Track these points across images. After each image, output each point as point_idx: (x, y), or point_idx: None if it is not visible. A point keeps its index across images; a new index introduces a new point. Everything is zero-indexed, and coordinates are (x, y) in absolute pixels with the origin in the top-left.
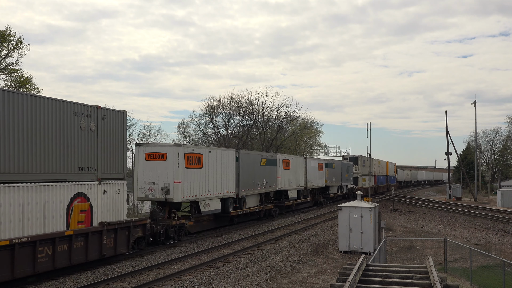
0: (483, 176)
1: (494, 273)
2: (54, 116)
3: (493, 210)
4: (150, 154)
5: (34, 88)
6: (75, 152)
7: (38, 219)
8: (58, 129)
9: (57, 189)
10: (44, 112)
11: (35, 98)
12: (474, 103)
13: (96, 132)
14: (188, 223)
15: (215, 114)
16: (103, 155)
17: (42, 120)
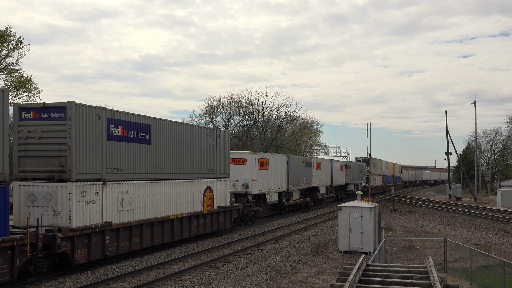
0: (483, 176)
1: (494, 273)
2: (196, 137)
3: (493, 210)
4: (234, 159)
5: (34, 88)
6: (206, 160)
7: (191, 202)
8: (199, 145)
9: (199, 184)
10: (192, 134)
11: (187, 126)
12: (474, 103)
13: (215, 146)
14: (260, 209)
15: (215, 114)
16: (218, 161)
17: (191, 140)
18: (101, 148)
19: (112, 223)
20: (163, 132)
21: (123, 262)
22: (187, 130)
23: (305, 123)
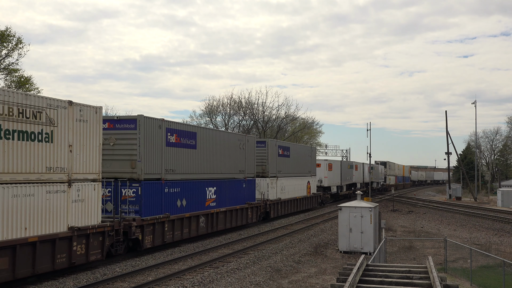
0: (483, 176)
1: (494, 273)
2: (232, 142)
3: (493, 210)
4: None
5: (34, 88)
6: (237, 162)
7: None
8: (233, 149)
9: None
10: (229, 140)
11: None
12: (474, 103)
13: (243, 150)
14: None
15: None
16: (247, 163)
17: (229, 145)
18: (161, 153)
19: (169, 216)
20: (205, 139)
21: (123, 262)
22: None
23: (305, 123)
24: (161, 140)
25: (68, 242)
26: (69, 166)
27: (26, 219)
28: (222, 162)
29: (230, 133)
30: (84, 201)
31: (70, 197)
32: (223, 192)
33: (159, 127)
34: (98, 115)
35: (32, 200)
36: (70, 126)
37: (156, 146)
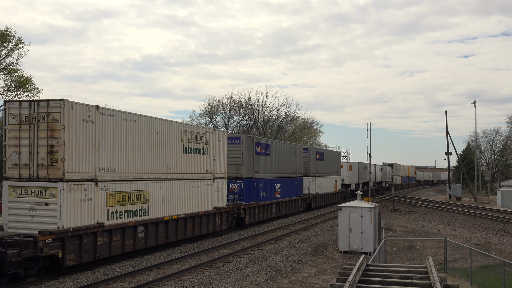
0: (483, 176)
1: (494, 273)
2: (289, 150)
3: (493, 210)
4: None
5: (34, 88)
6: (292, 164)
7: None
8: (289, 155)
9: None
10: (288, 149)
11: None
12: (474, 103)
13: (295, 156)
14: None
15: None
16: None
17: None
18: (252, 159)
19: (258, 202)
20: (274, 148)
21: (123, 262)
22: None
23: (305, 123)
24: (253, 150)
25: (213, 216)
26: (213, 169)
27: (197, 201)
28: (284, 165)
29: (288, 143)
30: (219, 191)
31: (213, 188)
32: (284, 187)
33: (252, 141)
34: (226, 136)
35: (198, 189)
36: (214, 144)
37: (250, 155)
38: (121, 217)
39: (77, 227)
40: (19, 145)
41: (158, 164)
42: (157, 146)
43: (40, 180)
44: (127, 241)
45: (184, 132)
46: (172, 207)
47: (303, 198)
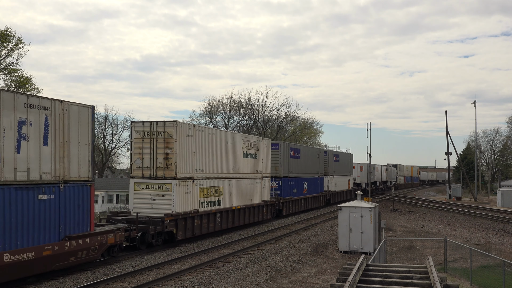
0: (483, 176)
1: (494, 273)
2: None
3: (493, 210)
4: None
5: (34, 88)
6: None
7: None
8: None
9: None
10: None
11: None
12: (474, 103)
13: (318, 158)
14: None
15: (215, 114)
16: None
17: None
18: (287, 162)
19: (292, 198)
20: (303, 152)
21: (123, 262)
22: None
23: (305, 123)
24: (288, 154)
25: (262, 208)
26: (262, 170)
27: (251, 195)
28: (309, 166)
29: (313, 147)
30: (265, 188)
31: (262, 185)
32: (310, 185)
33: (287, 147)
34: (270, 143)
35: (252, 186)
36: (262, 150)
37: (286, 158)
38: (207, 206)
39: (184, 212)
40: (142, 153)
41: (227, 166)
42: (227, 152)
43: (158, 178)
44: (210, 224)
45: (243, 141)
46: (236, 199)
47: (324, 194)
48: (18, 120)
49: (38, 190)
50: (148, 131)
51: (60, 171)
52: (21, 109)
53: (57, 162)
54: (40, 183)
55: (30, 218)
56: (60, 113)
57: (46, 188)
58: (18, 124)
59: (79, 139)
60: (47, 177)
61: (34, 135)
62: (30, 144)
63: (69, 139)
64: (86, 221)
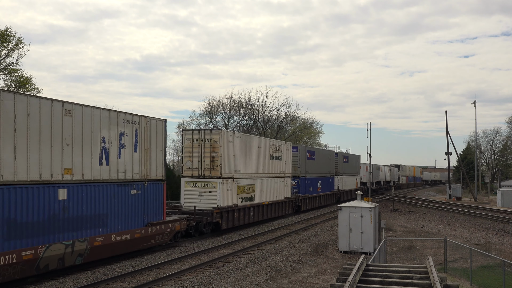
0: (483, 176)
1: (494, 273)
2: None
3: (493, 210)
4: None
5: (33, 88)
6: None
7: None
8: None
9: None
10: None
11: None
12: (474, 103)
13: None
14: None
15: (214, 114)
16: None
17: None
18: (305, 163)
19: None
20: (318, 154)
21: (123, 262)
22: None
23: (305, 123)
24: (305, 156)
25: (284, 204)
26: (284, 170)
27: (276, 192)
28: (322, 167)
29: (325, 150)
30: (287, 186)
31: (284, 184)
32: (323, 184)
33: (304, 150)
34: (291, 146)
35: (277, 184)
36: (284, 153)
37: (303, 160)
38: (243, 201)
39: (226, 206)
40: (191, 156)
41: (258, 167)
42: (258, 155)
43: (205, 177)
44: (246, 216)
45: (270, 145)
46: (265, 196)
47: (335, 193)
48: (119, 132)
49: (131, 186)
50: (196, 138)
51: (144, 172)
52: (121, 124)
53: (142, 165)
54: (132, 181)
55: (126, 208)
56: (144, 126)
57: (136, 185)
58: (119, 135)
59: (156, 146)
60: (136, 176)
61: (129, 144)
62: (126, 151)
63: (150, 146)
64: (161, 212)
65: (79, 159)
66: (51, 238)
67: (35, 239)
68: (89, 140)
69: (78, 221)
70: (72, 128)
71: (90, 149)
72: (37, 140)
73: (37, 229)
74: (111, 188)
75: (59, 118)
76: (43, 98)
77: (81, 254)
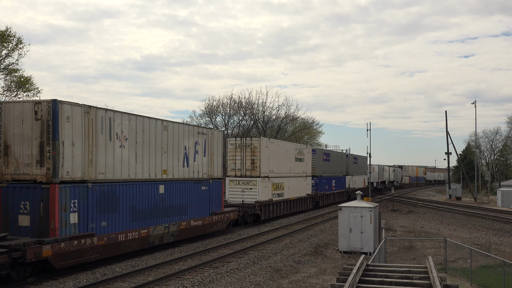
0: (483, 176)
1: (494, 273)
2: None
3: (493, 210)
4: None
5: (33, 88)
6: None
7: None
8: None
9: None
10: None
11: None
12: (474, 103)
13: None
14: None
15: (214, 114)
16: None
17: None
18: (322, 164)
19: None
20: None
21: (123, 262)
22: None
23: (305, 123)
24: (322, 158)
25: (306, 200)
26: (306, 170)
27: (299, 190)
28: (336, 167)
29: (339, 152)
30: (308, 184)
31: (306, 182)
32: (336, 183)
33: (321, 152)
34: (311, 149)
35: (300, 183)
36: (306, 155)
37: (320, 161)
38: (276, 197)
39: (263, 200)
40: (234, 159)
41: (286, 167)
42: (286, 158)
43: (246, 177)
44: (278, 210)
45: (295, 149)
46: (291, 192)
47: (346, 191)
48: (195, 142)
49: (201, 183)
50: (239, 144)
51: (210, 172)
52: (196, 135)
53: (208, 167)
54: (202, 179)
55: (198, 201)
56: (210, 136)
57: (204, 182)
58: (195, 144)
59: (217, 152)
60: (204, 175)
61: (200, 151)
62: (199, 156)
63: (213, 152)
64: (220, 204)
65: (171, 162)
66: (156, 221)
67: (147, 222)
68: (176, 148)
69: (171, 209)
70: (167, 139)
71: (177, 155)
72: (147, 148)
73: (147, 215)
74: (190, 185)
75: (160, 132)
76: (151, 118)
77: (173, 234)
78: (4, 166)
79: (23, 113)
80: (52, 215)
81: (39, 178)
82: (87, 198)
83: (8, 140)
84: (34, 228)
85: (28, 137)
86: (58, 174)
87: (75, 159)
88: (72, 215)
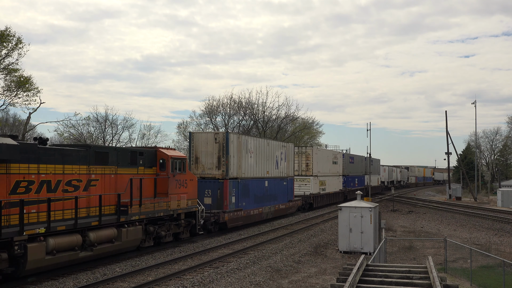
0: (483, 176)
1: (494, 273)
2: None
3: (493, 210)
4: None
5: (33, 88)
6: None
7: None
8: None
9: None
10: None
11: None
12: (474, 103)
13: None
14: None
15: (215, 114)
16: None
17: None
18: (348, 165)
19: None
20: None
21: (123, 262)
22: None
23: (305, 123)
24: (348, 161)
25: (339, 194)
26: (339, 170)
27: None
28: (358, 168)
29: (360, 155)
30: (340, 182)
31: (338, 180)
32: (358, 181)
33: (348, 156)
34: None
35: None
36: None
37: (347, 163)
38: (321, 191)
39: (314, 193)
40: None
41: (326, 168)
42: (327, 161)
43: (303, 175)
44: (322, 200)
45: (332, 154)
46: (330, 188)
47: (365, 187)
48: (280, 152)
49: (283, 180)
50: (297, 151)
51: (288, 172)
52: (281, 148)
53: (287, 169)
54: (283, 177)
55: (282, 192)
56: (287, 147)
57: (285, 179)
58: (280, 153)
59: (290, 159)
60: (284, 175)
61: (283, 158)
62: (282, 162)
63: (289, 159)
64: (292, 194)
65: (269, 166)
66: (264, 204)
67: (260, 204)
68: (273, 157)
69: (270, 197)
70: (268, 151)
71: (272, 161)
72: (260, 158)
73: (261, 199)
74: (278, 181)
75: (265, 147)
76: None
77: (271, 213)
78: (195, 169)
79: (207, 139)
80: (225, 197)
81: (217, 176)
82: (238, 188)
83: (198, 154)
84: (213, 205)
85: (211, 153)
86: (228, 174)
87: (234, 165)
88: (233, 198)
